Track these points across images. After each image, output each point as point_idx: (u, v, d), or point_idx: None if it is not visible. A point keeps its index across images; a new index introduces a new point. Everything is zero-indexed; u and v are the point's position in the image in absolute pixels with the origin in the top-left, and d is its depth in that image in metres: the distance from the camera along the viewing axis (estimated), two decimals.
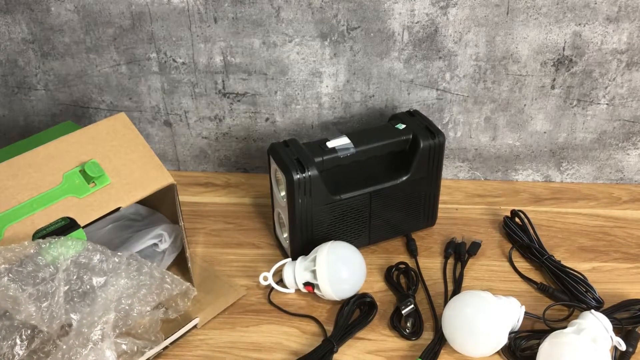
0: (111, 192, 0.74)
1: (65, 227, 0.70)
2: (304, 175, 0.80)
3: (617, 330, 0.75)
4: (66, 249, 0.68)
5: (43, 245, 0.66)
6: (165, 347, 0.76)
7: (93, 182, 0.73)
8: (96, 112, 1.04)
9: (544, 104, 0.99)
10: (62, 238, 0.68)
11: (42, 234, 0.68)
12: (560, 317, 0.80)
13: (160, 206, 0.89)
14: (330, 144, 0.85)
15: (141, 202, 0.77)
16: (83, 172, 0.73)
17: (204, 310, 0.81)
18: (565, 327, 0.74)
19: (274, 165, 0.85)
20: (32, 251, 0.66)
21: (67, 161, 0.74)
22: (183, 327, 0.78)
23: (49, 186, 0.72)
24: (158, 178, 0.77)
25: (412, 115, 0.91)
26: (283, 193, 0.85)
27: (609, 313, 0.77)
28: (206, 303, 0.82)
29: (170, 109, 1.03)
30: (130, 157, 0.77)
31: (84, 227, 0.71)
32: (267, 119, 1.04)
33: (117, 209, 0.73)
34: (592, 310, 0.75)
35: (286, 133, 1.04)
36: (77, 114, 1.04)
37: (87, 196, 0.73)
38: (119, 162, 0.76)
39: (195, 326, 0.79)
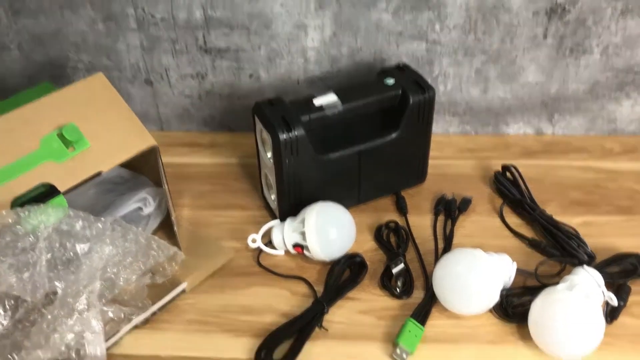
0: (91, 156, 0.71)
1: (45, 193, 0.68)
2: (290, 134, 0.78)
3: (609, 285, 0.75)
4: (47, 217, 0.66)
5: (22, 214, 0.64)
6: (154, 313, 0.75)
7: (72, 146, 0.71)
8: (74, 71, 1.01)
9: (536, 54, 0.96)
10: (42, 205, 0.66)
11: (20, 202, 0.66)
12: (552, 273, 0.79)
13: (143, 168, 0.87)
14: (317, 102, 0.82)
15: (123, 165, 0.75)
16: (61, 135, 0.70)
17: (192, 274, 0.79)
18: (557, 283, 0.73)
19: (259, 125, 0.83)
20: (10, 220, 0.64)
21: (44, 125, 0.71)
22: (171, 292, 0.76)
23: (26, 151, 0.69)
24: (139, 140, 0.74)
25: (401, 70, 0.89)
26: (270, 154, 0.82)
27: (601, 267, 0.76)
28: (194, 267, 0.80)
29: (151, 67, 1.00)
30: (110, 119, 0.74)
31: (64, 193, 0.68)
32: (250, 75, 1.00)
33: (98, 174, 0.71)
34: (585, 266, 0.74)
35: (271, 89, 1.01)
36: (54, 75, 1.01)
37: (67, 161, 0.70)
38: (99, 124, 0.73)
39: (183, 290, 0.78)
